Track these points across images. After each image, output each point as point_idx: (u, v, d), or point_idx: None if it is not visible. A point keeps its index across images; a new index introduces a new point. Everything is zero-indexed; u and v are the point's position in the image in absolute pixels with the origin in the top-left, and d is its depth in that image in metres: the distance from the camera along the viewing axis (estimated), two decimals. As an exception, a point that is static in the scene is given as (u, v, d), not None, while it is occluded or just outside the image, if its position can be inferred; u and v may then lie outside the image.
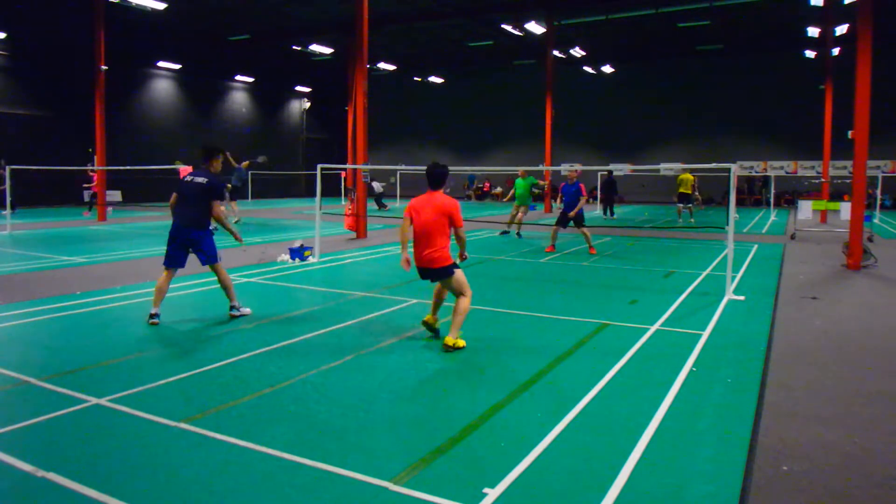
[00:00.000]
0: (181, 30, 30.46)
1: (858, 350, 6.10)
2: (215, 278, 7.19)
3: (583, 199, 12.98)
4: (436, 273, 6.05)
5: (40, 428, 4.06)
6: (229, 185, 17.38)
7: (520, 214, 16.19)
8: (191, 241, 6.91)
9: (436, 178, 6.13)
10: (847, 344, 6.30)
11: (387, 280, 9.76)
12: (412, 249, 6.08)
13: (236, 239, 7.15)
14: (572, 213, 12.97)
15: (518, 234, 16.54)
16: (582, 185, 13.21)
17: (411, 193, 18.37)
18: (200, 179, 6.88)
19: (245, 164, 19.59)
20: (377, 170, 34.39)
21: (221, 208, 7.13)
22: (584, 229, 13.31)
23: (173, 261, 6.93)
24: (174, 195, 7.00)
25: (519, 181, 16.13)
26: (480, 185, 40.49)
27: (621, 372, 5.26)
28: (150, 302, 6.99)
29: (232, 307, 7.12)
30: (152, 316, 6.74)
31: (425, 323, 6.43)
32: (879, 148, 27.12)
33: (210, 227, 7.17)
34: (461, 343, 5.92)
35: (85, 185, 23.52)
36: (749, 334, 6.57)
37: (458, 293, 6.08)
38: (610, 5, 25.61)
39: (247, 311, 7.21)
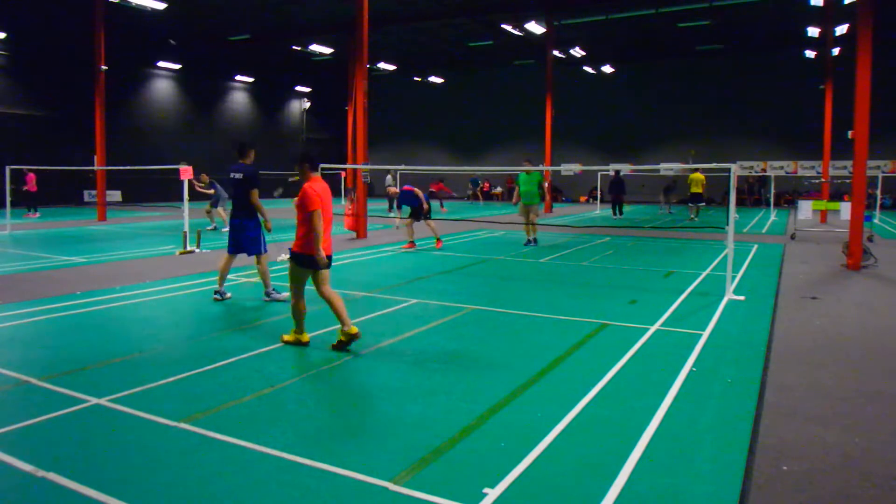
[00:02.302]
0: (181, 30, 30.47)
1: (858, 350, 6.10)
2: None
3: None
4: (331, 261, 6.07)
5: (40, 428, 4.07)
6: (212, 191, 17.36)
7: (532, 215, 14.07)
8: (235, 227, 7.91)
9: (318, 161, 6.08)
10: (847, 344, 6.30)
11: (387, 280, 9.76)
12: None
13: (267, 228, 7.98)
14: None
15: (534, 239, 14.28)
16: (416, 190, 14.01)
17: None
18: (237, 174, 7.84)
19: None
20: (377, 170, 34.35)
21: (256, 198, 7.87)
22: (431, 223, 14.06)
23: (230, 246, 7.97)
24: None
25: (523, 175, 14.01)
26: (481, 186, 40.47)
27: (621, 372, 5.26)
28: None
29: (266, 293, 7.96)
30: (216, 292, 7.92)
31: (343, 343, 5.77)
32: (879, 148, 27.14)
33: (253, 219, 7.89)
34: (355, 329, 5.77)
35: (21, 187, 21.91)
36: (749, 334, 6.56)
37: (326, 282, 5.86)
38: (610, 5, 25.60)
39: (283, 295, 7.86)
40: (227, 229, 12.51)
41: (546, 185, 26.54)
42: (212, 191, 17.30)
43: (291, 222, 8.25)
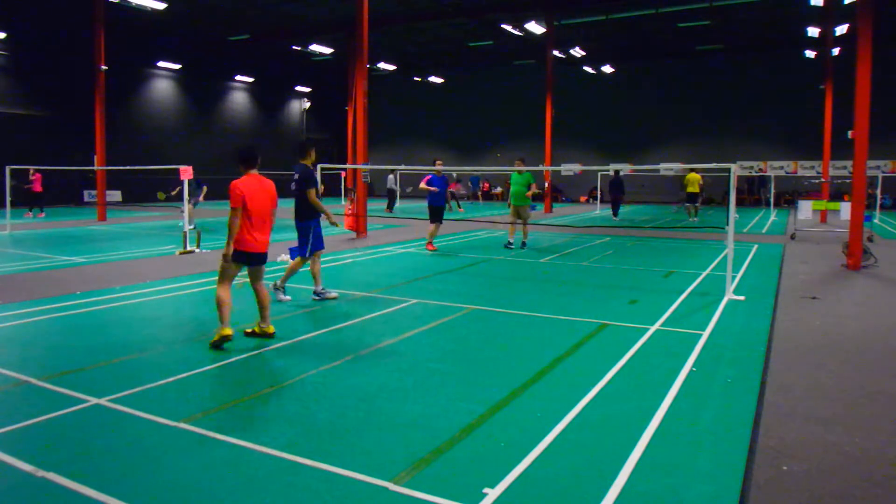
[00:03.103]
0: (181, 30, 30.47)
1: (858, 350, 6.10)
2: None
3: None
4: (264, 257, 6.20)
5: (40, 428, 4.06)
6: (205, 188, 17.34)
7: (524, 216, 13.70)
8: (298, 230, 7.94)
9: (255, 158, 6.09)
10: (847, 344, 6.30)
11: (387, 280, 9.76)
12: (245, 236, 5.96)
13: (331, 222, 7.97)
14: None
15: (523, 243, 13.98)
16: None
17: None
18: (294, 175, 7.82)
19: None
20: (377, 170, 34.36)
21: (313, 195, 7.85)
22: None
23: (301, 249, 8.03)
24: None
25: (515, 175, 13.61)
26: (481, 186, 40.48)
27: (621, 372, 5.26)
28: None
29: (315, 291, 8.05)
30: (276, 288, 8.01)
31: (255, 335, 6.16)
32: (879, 148, 27.14)
33: (311, 220, 7.88)
34: (272, 329, 6.14)
35: (24, 186, 21.99)
36: (749, 334, 6.56)
37: (261, 279, 6.25)
38: (610, 5, 25.60)
39: (332, 294, 8.07)
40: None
41: (544, 185, 26.54)
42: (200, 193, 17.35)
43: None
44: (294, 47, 33.35)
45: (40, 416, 4.22)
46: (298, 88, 41.16)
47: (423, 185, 13.39)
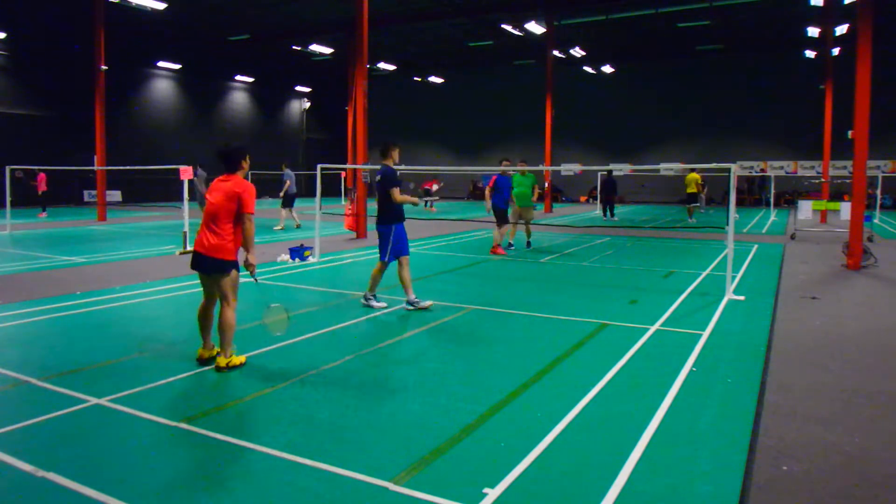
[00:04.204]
0: (181, 30, 30.47)
1: (858, 350, 6.10)
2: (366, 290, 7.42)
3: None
4: (213, 264, 5.26)
5: (40, 428, 4.06)
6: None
7: (527, 217, 13.72)
8: (378, 234, 7.59)
9: (232, 159, 5.37)
10: (847, 344, 6.30)
11: (387, 280, 9.75)
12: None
13: (414, 203, 7.90)
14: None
15: (528, 242, 14.05)
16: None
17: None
18: (378, 175, 7.56)
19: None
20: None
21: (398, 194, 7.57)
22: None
23: (381, 253, 7.63)
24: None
25: (517, 177, 13.51)
26: (481, 186, 40.47)
27: (621, 372, 5.25)
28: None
29: (407, 301, 7.56)
30: (367, 298, 7.67)
31: (200, 361, 5.41)
32: (879, 148, 27.14)
33: (392, 223, 7.52)
34: (237, 360, 5.27)
35: (32, 182, 22.13)
36: (749, 334, 6.56)
37: (224, 298, 5.28)
38: (610, 5, 25.59)
39: (426, 304, 7.59)
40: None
41: (544, 185, 26.49)
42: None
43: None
44: (294, 47, 33.33)
45: (40, 416, 4.22)
46: (298, 88, 41.17)
47: (488, 190, 12.86)
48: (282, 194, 18.35)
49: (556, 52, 29.77)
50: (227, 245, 5.23)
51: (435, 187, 29.51)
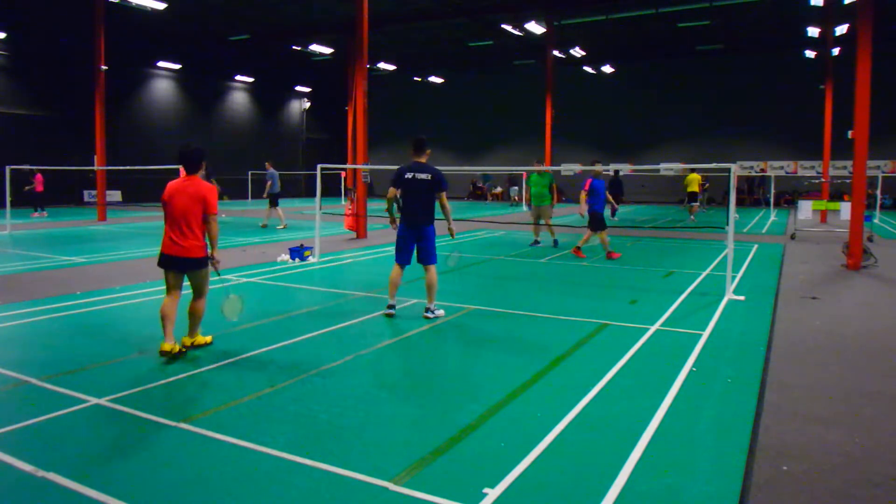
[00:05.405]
0: (181, 30, 30.47)
1: (858, 350, 6.10)
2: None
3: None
4: (194, 262, 5.63)
5: (40, 428, 4.06)
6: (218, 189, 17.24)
7: (545, 217, 13.98)
8: (420, 236, 7.14)
9: (194, 159, 5.65)
10: (847, 344, 6.30)
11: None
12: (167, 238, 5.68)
13: (451, 234, 7.51)
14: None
15: (555, 241, 14.21)
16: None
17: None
18: (423, 175, 7.03)
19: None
20: (377, 170, 34.33)
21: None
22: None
23: (403, 257, 7.26)
24: (392, 189, 7.16)
25: (534, 176, 13.89)
26: (481, 186, 40.45)
27: (621, 372, 5.25)
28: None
29: (427, 308, 7.20)
30: (389, 307, 7.21)
31: (169, 354, 5.47)
32: (879, 148, 27.14)
33: (432, 225, 7.22)
34: (202, 340, 5.82)
35: (26, 188, 22.05)
36: (749, 334, 6.56)
37: (200, 290, 5.75)
38: (610, 5, 25.60)
39: (440, 312, 7.26)
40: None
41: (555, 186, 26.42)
42: None
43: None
44: (294, 47, 33.36)
45: (40, 416, 4.22)
46: (298, 88, 41.16)
47: (583, 194, 12.04)
48: (266, 194, 18.86)
49: (556, 52, 29.78)
50: (201, 243, 5.69)
51: (499, 189, 29.51)
